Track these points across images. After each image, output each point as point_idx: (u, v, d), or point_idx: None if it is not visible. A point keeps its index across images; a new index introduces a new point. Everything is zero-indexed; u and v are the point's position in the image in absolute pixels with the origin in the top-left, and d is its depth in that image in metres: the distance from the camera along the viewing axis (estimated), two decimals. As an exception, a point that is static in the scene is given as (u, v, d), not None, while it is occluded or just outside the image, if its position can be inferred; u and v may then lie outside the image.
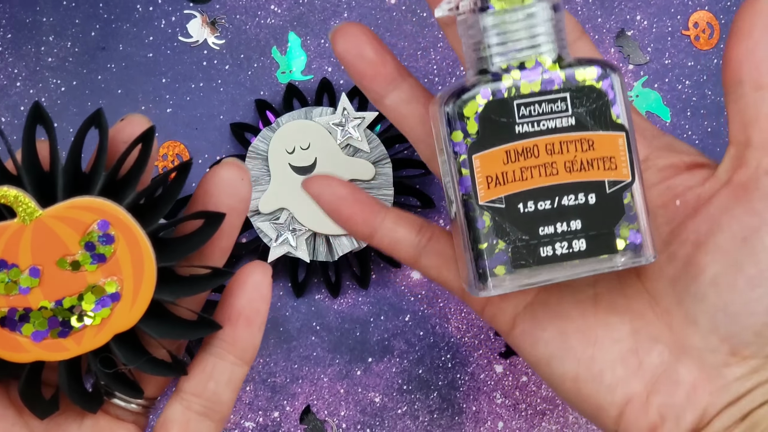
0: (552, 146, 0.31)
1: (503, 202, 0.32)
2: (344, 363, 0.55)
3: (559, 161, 0.32)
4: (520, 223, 0.32)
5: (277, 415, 0.55)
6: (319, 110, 0.54)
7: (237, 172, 0.31)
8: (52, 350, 0.29)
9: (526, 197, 0.32)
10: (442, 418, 0.55)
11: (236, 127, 0.55)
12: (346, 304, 0.55)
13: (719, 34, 0.57)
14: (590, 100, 0.31)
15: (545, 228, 0.32)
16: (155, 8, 0.56)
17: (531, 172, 0.32)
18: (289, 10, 0.56)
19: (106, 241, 0.29)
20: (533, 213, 0.32)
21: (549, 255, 0.32)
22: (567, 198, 0.32)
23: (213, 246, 0.31)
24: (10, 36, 0.55)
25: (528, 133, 0.31)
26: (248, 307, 0.31)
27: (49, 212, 0.28)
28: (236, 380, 0.32)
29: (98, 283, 0.29)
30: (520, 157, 0.31)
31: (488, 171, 0.31)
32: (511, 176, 0.31)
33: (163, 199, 0.30)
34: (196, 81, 0.56)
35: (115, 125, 0.31)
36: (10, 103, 0.55)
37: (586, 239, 0.32)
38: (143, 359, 0.30)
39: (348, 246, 0.53)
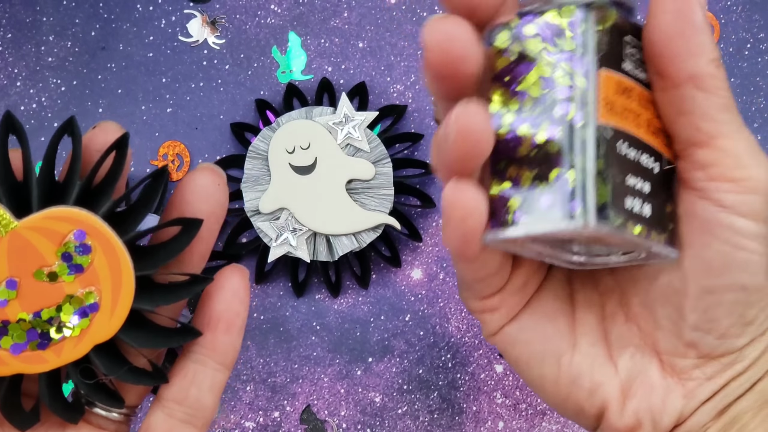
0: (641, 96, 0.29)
1: (611, 132, 0.28)
2: (344, 363, 0.55)
3: (643, 116, 0.29)
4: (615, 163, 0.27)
5: (277, 415, 0.55)
6: (319, 110, 0.54)
7: (213, 177, 0.31)
8: (31, 362, 0.29)
9: (623, 138, 0.28)
10: (443, 418, 0.55)
11: (236, 127, 0.55)
12: (347, 304, 0.55)
13: (719, 34, 0.57)
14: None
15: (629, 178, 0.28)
16: (155, 8, 0.56)
17: (628, 115, 0.28)
18: (289, 9, 0.56)
19: (83, 251, 0.28)
20: (623, 157, 0.28)
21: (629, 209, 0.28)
22: (645, 156, 0.28)
23: (191, 252, 0.31)
24: (10, 36, 0.55)
25: (629, 73, 0.29)
26: (227, 312, 0.31)
27: (25, 223, 0.28)
28: (218, 385, 0.31)
29: (76, 293, 0.29)
30: (624, 93, 0.28)
31: (606, 93, 0.28)
32: (618, 109, 0.28)
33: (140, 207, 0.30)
34: (197, 81, 0.56)
35: (87, 133, 0.31)
36: (10, 102, 0.55)
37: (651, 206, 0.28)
38: (123, 369, 0.29)
39: (348, 246, 0.53)
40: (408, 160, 0.55)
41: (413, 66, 0.56)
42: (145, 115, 0.55)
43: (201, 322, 0.31)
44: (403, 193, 0.55)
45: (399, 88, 0.56)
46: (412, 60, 0.56)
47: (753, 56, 0.57)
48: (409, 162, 0.55)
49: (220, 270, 0.31)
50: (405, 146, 0.55)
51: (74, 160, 0.29)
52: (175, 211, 0.30)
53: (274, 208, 0.53)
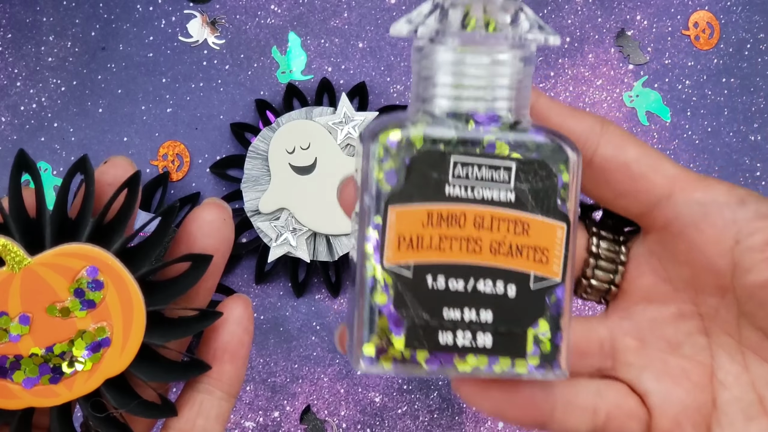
0: (482, 220, 0.27)
1: (411, 269, 0.27)
2: (344, 363, 0.55)
3: (485, 238, 0.27)
4: (423, 299, 0.27)
5: (277, 415, 0.55)
6: (319, 110, 0.54)
7: (219, 213, 0.31)
8: (43, 396, 0.29)
9: (438, 271, 0.27)
10: (443, 417, 0.55)
11: (236, 127, 0.55)
12: (347, 304, 0.55)
13: (719, 34, 0.57)
14: (538, 178, 0.27)
15: (451, 311, 0.27)
16: (155, 8, 0.56)
17: (451, 243, 0.27)
18: (289, 10, 0.56)
19: (95, 287, 0.29)
20: (442, 291, 0.27)
21: (448, 344, 0.27)
22: (484, 283, 0.27)
23: (198, 287, 0.32)
24: (10, 36, 0.55)
25: (459, 197, 0.27)
26: (232, 342, 0.31)
27: (38, 260, 0.29)
28: (224, 414, 0.32)
29: (88, 328, 0.29)
30: (443, 222, 0.27)
31: (402, 229, 0.27)
32: (427, 242, 0.27)
33: (151, 244, 0.30)
34: (196, 81, 0.56)
35: (98, 167, 0.31)
36: (10, 102, 0.55)
37: (494, 335, 0.27)
38: (134, 403, 0.30)
39: (348, 246, 0.53)
40: (408, 160, 0.55)
41: (413, 66, 0.56)
42: (145, 115, 0.55)
43: (206, 353, 0.31)
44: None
45: (399, 89, 0.56)
46: (412, 60, 0.56)
47: (753, 56, 0.57)
48: (409, 162, 0.55)
49: (223, 301, 0.32)
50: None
51: (87, 199, 0.29)
52: (183, 246, 0.31)
53: (274, 208, 0.53)
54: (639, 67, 0.57)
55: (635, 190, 0.31)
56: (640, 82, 0.57)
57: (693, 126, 0.57)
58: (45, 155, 0.55)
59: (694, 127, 0.57)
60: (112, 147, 0.55)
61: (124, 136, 0.55)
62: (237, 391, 0.32)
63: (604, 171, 0.31)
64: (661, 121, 0.57)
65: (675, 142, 0.57)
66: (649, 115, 0.57)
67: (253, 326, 0.32)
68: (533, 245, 0.28)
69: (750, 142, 0.57)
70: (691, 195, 0.31)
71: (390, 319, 0.27)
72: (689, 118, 0.57)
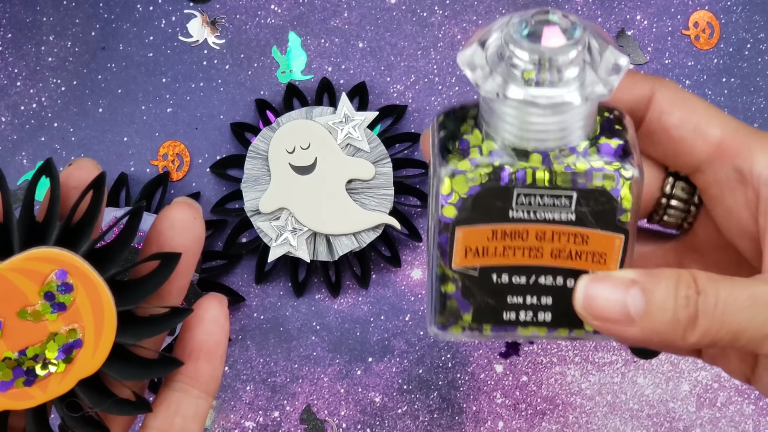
0: (543, 234, 0.29)
1: (477, 271, 0.30)
2: (344, 363, 0.55)
3: (546, 247, 0.29)
4: (489, 291, 0.30)
5: (277, 415, 0.55)
6: (319, 110, 0.54)
7: (189, 212, 0.31)
8: (18, 399, 0.30)
9: (502, 271, 0.30)
10: (443, 417, 0.55)
11: (236, 127, 0.55)
12: (347, 304, 0.55)
13: (719, 34, 0.57)
14: (598, 203, 0.29)
15: (514, 298, 0.31)
16: (155, 8, 0.56)
17: (514, 251, 0.30)
18: (289, 9, 0.56)
19: (65, 290, 0.29)
20: (506, 285, 0.30)
21: (511, 319, 0.31)
22: (545, 278, 0.30)
23: (170, 286, 0.32)
24: (10, 36, 0.55)
25: (522, 219, 0.29)
26: (208, 341, 0.31)
27: (7, 265, 0.29)
28: (202, 413, 0.32)
29: (60, 331, 0.29)
30: (507, 237, 0.29)
31: (469, 243, 0.29)
32: (492, 251, 0.30)
33: (119, 245, 0.31)
34: (197, 81, 0.56)
35: (63, 170, 0.31)
36: (10, 102, 0.55)
37: (554, 313, 0.31)
38: (108, 401, 0.30)
39: (348, 246, 0.53)
40: (408, 160, 0.55)
41: (413, 66, 0.56)
42: (145, 115, 0.55)
43: (182, 352, 0.32)
44: (403, 193, 0.55)
45: (399, 88, 0.56)
46: (412, 60, 0.56)
47: (753, 56, 0.57)
48: (409, 162, 0.55)
49: (198, 300, 0.32)
50: (405, 146, 0.55)
51: (53, 202, 0.30)
52: (153, 246, 0.31)
53: (274, 208, 0.53)
54: (639, 67, 0.57)
55: (678, 154, 0.31)
56: (640, 82, 0.57)
57: (693, 126, 0.57)
58: (45, 155, 0.55)
59: (694, 127, 0.57)
60: (112, 147, 0.55)
61: (124, 135, 0.55)
62: (214, 390, 0.32)
63: (650, 134, 0.31)
64: (661, 121, 0.57)
65: (675, 142, 0.57)
66: (649, 115, 0.57)
67: (229, 325, 0.32)
68: (592, 251, 0.29)
69: (750, 142, 0.57)
70: (729, 162, 0.31)
71: (459, 303, 0.31)
72: (689, 118, 0.57)
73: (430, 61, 0.56)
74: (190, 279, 0.32)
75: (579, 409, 0.55)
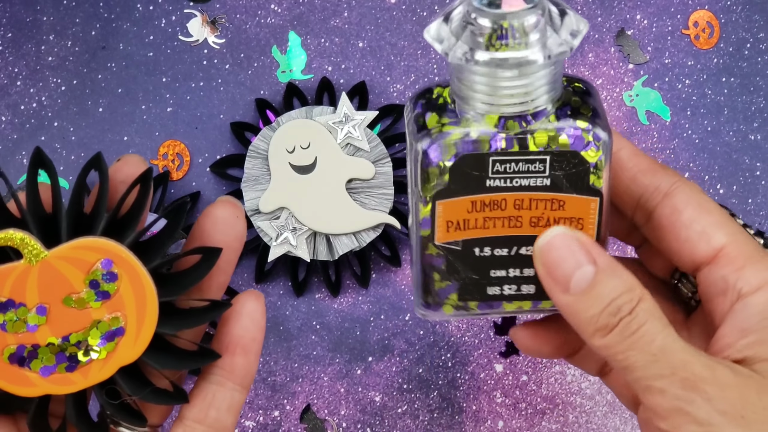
0: (521, 202, 0.30)
1: (460, 245, 0.31)
2: (344, 362, 0.55)
3: (525, 216, 0.30)
4: (472, 265, 0.31)
5: (277, 414, 0.55)
6: (319, 109, 0.54)
7: (232, 210, 0.32)
8: (60, 384, 0.30)
9: (484, 243, 0.31)
10: (442, 417, 0.55)
11: (236, 127, 0.55)
12: (347, 303, 0.55)
13: (719, 34, 0.57)
14: (570, 165, 0.29)
15: (497, 272, 0.31)
16: (155, 7, 0.56)
17: (494, 222, 0.30)
18: (289, 9, 0.56)
19: (109, 278, 0.30)
20: (488, 257, 0.31)
21: (496, 294, 0.32)
22: (526, 249, 0.31)
23: (210, 281, 0.33)
24: (10, 35, 0.55)
25: (499, 187, 0.30)
26: (245, 336, 0.32)
27: (54, 253, 0.30)
28: (236, 406, 0.33)
29: (103, 318, 0.30)
30: (486, 208, 0.30)
31: (449, 217, 0.30)
32: (473, 223, 0.30)
33: (163, 238, 0.31)
34: (197, 80, 0.56)
35: (112, 165, 0.33)
36: (10, 102, 0.55)
37: (536, 285, 0.31)
38: (147, 390, 0.31)
39: (348, 245, 0.53)
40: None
41: (413, 66, 0.56)
42: (145, 114, 0.55)
43: (219, 346, 0.32)
44: (403, 193, 0.55)
45: (399, 88, 0.56)
46: (412, 60, 0.56)
47: (753, 56, 0.57)
48: (409, 161, 0.55)
49: (237, 295, 0.33)
50: (405, 146, 0.55)
51: (101, 194, 0.31)
52: (196, 241, 0.32)
53: (274, 207, 0.53)
54: (639, 67, 0.57)
55: (680, 253, 0.33)
56: (640, 81, 0.57)
57: (693, 125, 0.57)
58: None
59: (694, 126, 0.57)
60: (112, 146, 0.55)
61: (125, 135, 0.55)
62: (249, 384, 0.33)
63: (657, 229, 0.33)
64: (661, 121, 0.57)
65: (675, 141, 0.57)
66: (649, 115, 0.57)
67: (266, 321, 0.33)
68: (569, 217, 0.30)
69: (750, 142, 0.57)
70: (720, 270, 0.32)
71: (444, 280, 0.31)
72: (689, 117, 0.57)
73: (430, 61, 0.56)
74: (230, 275, 0.33)
75: (579, 409, 0.55)
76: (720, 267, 0.32)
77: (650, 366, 0.29)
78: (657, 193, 0.33)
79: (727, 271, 0.32)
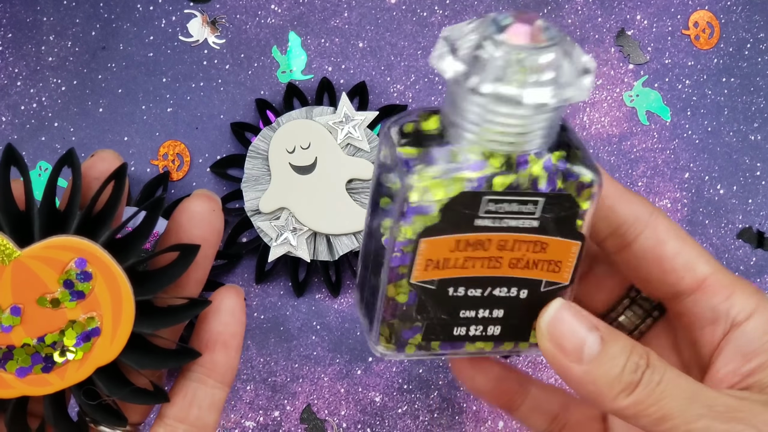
0: (505, 243, 0.29)
1: (435, 284, 0.30)
2: (344, 362, 0.55)
3: (506, 257, 0.29)
4: (444, 305, 0.30)
5: (277, 415, 0.55)
6: (319, 109, 0.54)
7: (208, 204, 0.32)
8: (36, 385, 0.30)
9: (459, 283, 0.30)
10: (443, 417, 0.55)
11: (237, 127, 0.55)
12: (347, 304, 0.55)
13: (719, 34, 0.57)
14: (562, 209, 0.29)
15: (467, 312, 0.30)
16: (155, 8, 0.56)
17: (474, 262, 0.29)
18: (290, 9, 0.56)
19: (84, 278, 0.29)
20: (461, 297, 0.30)
21: (461, 334, 0.31)
22: (500, 290, 0.30)
23: (188, 277, 0.32)
24: (10, 35, 0.55)
25: (487, 227, 0.29)
26: (224, 332, 0.32)
27: (27, 252, 0.29)
28: (218, 403, 0.32)
29: (78, 319, 0.30)
30: (469, 247, 0.29)
31: (431, 255, 0.29)
32: (452, 263, 0.29)
33: (138, 236, 0.31)
34: (197, 80, 0.56)
35: (85, 161, 0.32)
36: (10, 102, 0.55)
37: (503, 326, 0.31)
38: (126, 390, 0.31)
39: (348, 245, 0.53)
40: (408, 159, 0.55)
41: (413, 66, 0.56)
42: (146, 114, 0.55)
43: (199, 342, 0.32)
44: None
45: (399, 88, 0.56)
46: (412, 60, 0.56)
47: (753, 56, 0.57)
48: (409, 162, 0.55)
49: (215, 291, 0.32)
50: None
51: (74, 191, 0.30)
52: (173, 237, 0.31)
53: (274, 207, 0.53)
54: (639, 67, 0.57)
55: (662, 282, 0.33)
56: (640, 81, 0.57)
57: (693, 126, 0.57)
58: (45, 155, 0.55)
59: (694, 126, 0.57)
60: (112, 147, 0.55)
61: (125, 135, 0.55)
62: (230, 381, 0.32)
63: (639, 259, 0.33)
64: (661, 121, 0.57)
65: (675, 141, 0.57)
66: (649, 115, 0.57)
67: (245, 316, 0.32)
68: (549, 259, 0.30)
69: (750, 142, 0.57)
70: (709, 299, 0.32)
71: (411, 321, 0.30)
72: (689, 117, 0.57)
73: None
74: (208, 271, 0.33)
75: (579, 409, 0.55)
76: (708, 296, 0.32)
77: (687, 409, 0.29)
78: (638, 224, 0.33)
79: (716, 300, 0.32)
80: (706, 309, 0.32)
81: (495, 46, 0.26)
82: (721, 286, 0.32)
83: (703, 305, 0.32)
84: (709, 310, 0.32)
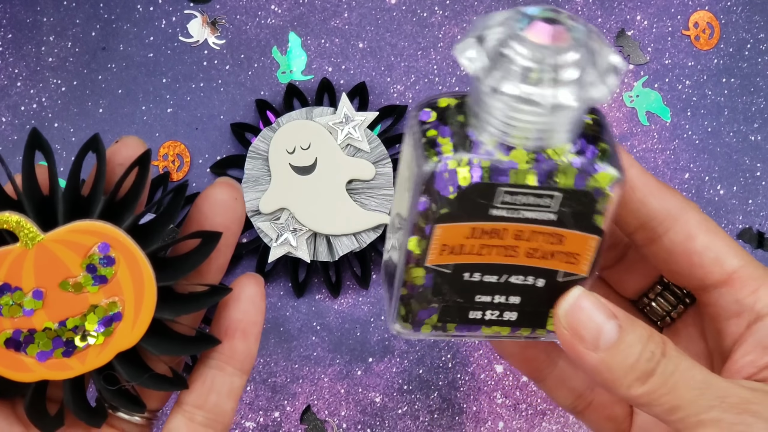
0: (521, 233, 0.29)
1: (450, 268, 0.30)
2: (345, 363, 0.55)
3: (522, 246, 0.29)
4: (459, 289, 0.30)
5: (277, 415, 0.55)
6: (319, 110, 0.54)
7: (230, 192, 0.32)
8: (56, 369, 0.30)
9: (476, 269, 0.30)
10: (443, 418, 0.55)
11: (237, 127, 0.55)
12: (347, 304, 0.55)
13: (719, 34, 0.57)
14: (581, 204, 0.28)
15: (483, 297, 0.31)
16: (156, 8, 0.56)
17: (490, 250, 0.29)
18: (290, 10, 0.56)
19: (107, 263, 0.29)
20: (477, 282, 0.30)
21: (477, 318, 0.31)
22: (516, 277, 0.30)
23: (209, 264, 0.32)
24: (10, 36, 0.55)
25: (503, 217, 0.29)
26: (244, 320, 0.32)
27: (51, 236, 0.29)
28: (236, 390, 0.32)
29: (100, 303, 0.30)
30: (485, 235, 0.29)
31: (446, 240, 0.29)
32: (468, 249, 0.29)
33: (161, 221, 0.31)
34: (197, 81, 0.56)
35: (110, 147, 0.32)
36: (10, 102, 0.55)
37: (519, 312, 0.31)
38: (145, 376, 0.31)
39: (348, 246, 0.53)
40: (408, 160, 0.55)
41: (413, 66, 0.56)
42: (146, 115, 0.55)
43: (218, 330, 0.32)
44: (403, 194, 0.55)
45: (399, 89, 0.56)
46: (412, 60, 0.56)
47: (753, 56, 0.57)
48: (410, 162, 0.55)
49: (236, 279, 0.32)
50: (405, 146, 0.55)
51: (99, 177, 0.30)
52: (194, 224, 0.31)
53: (274, 208, 0.53)
54: (639, 67, 0.57)
55: (691, 276, 0.33)
56: (640, 82, 0.57)
57: (693, 126, 0.57)
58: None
59: (694, 127, 0.57)
60: (112, 147, 0.55)
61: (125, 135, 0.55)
62: (249, 368, 0.33)
63: (668, 253, 0.33)
64: (661, 121, 0.57)
65: (675, 142, 0.57)
66: (649, 115, 0.57)
67: (265, 305, 0.32)
68: (566, 251, 0.30)
69: (750, 142, 0.57)
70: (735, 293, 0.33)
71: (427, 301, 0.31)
72: (689, 118, 0.57)
73: (430, 61, 0.56)
74: (229, 258, 0.33)
75: (579, 409, 0.55)
76: (735, 290, 0.32)
77: (698, 400, 0.29)
78: (668, 218, 0.33)
79: (742, 294, 0.32)
80: (731, 302, 0.32)
81: (519, 44, 0.26)
82: (750, 278, 0.32)
83: (729, 298, 0.32)
84: (734, 303, 0.32)
